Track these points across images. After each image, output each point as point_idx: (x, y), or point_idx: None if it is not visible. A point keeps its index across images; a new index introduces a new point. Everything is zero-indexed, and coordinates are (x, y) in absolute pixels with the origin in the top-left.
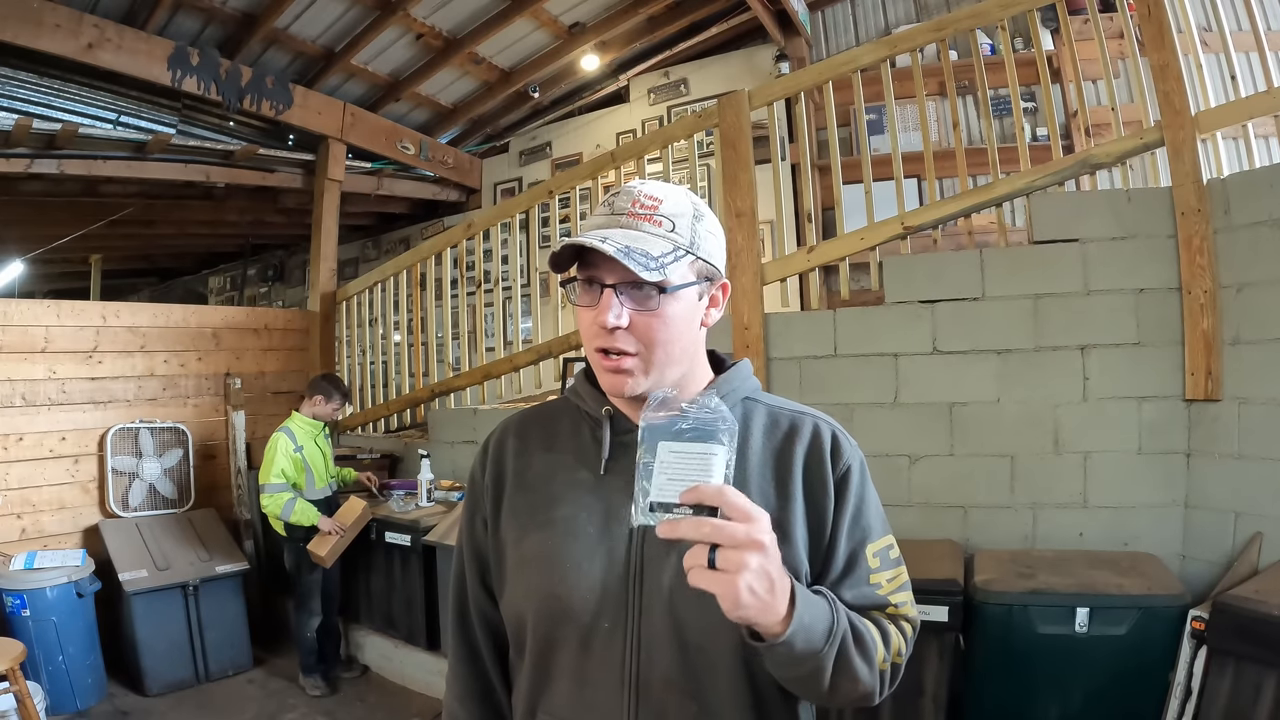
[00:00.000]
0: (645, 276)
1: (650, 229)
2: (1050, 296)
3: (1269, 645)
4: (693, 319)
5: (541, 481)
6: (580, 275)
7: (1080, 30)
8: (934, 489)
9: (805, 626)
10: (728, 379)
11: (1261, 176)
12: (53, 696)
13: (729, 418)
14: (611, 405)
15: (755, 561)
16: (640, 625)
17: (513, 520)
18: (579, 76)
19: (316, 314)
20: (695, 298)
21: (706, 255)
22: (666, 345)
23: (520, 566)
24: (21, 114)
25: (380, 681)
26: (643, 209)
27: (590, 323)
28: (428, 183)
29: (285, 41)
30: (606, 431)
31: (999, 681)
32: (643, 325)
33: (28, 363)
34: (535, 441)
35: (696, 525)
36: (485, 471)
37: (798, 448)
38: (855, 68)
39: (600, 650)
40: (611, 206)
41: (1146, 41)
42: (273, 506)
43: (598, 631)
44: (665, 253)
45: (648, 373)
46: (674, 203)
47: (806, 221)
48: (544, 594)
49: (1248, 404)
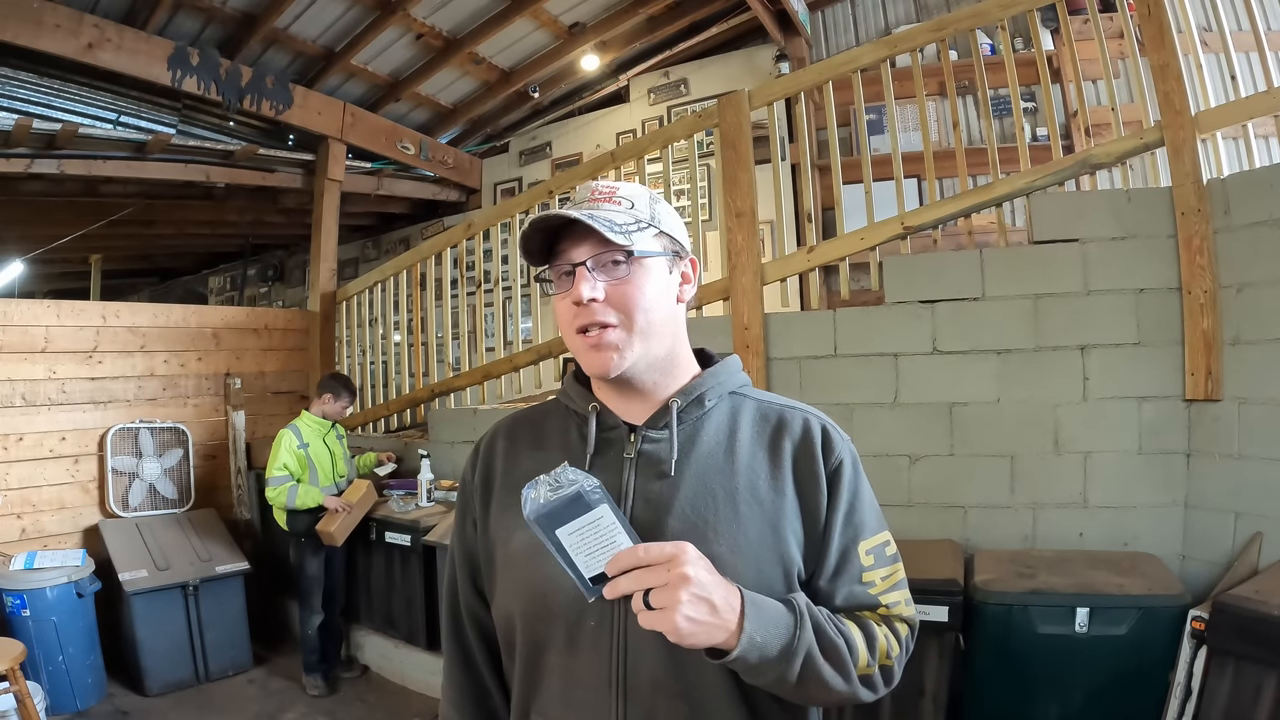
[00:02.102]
0: (612, 238)
1: (610, 207)
2: (1050, 296)
3: (1269, 645)
4: (667, 291)
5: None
6: (552, 267)
7: (1080, 30)
8: (934, 489)
9: (756, 644)
10: (714, 373)
11: (1261, 176)
12: (53, 696)
13: (587, 478)
14: (597, 401)
15: (685, 595)
16: (627, 625)
17: (501, 519)
18: (579, 76)
19: (316, 314)
20: (666, 270)
21: (669, 230)
22: (646, 312)
23: (507, 565)
24: (21, 114)
25: (380, 681)
26: (601, 194)
27: (567, 306)
28: (428, 183)
29: (285, 41)
30: (592, 427)
31: (999, 681)
32: (618, 294)
33: (28, 363)
34: (524, 441)
35: (630, 581)
36: (475, 473)
37: (787, 442)
38: (855, 68)
39: (587, 650)
40: (573, 201)
41: (1146, 41)
42: (278, 498)
43: (584, 630)
44: (629, 222)
45: (631, 345)
46: (630, 189)
47: (806, 221)
48: (530, 593)
49: (1248, 404)
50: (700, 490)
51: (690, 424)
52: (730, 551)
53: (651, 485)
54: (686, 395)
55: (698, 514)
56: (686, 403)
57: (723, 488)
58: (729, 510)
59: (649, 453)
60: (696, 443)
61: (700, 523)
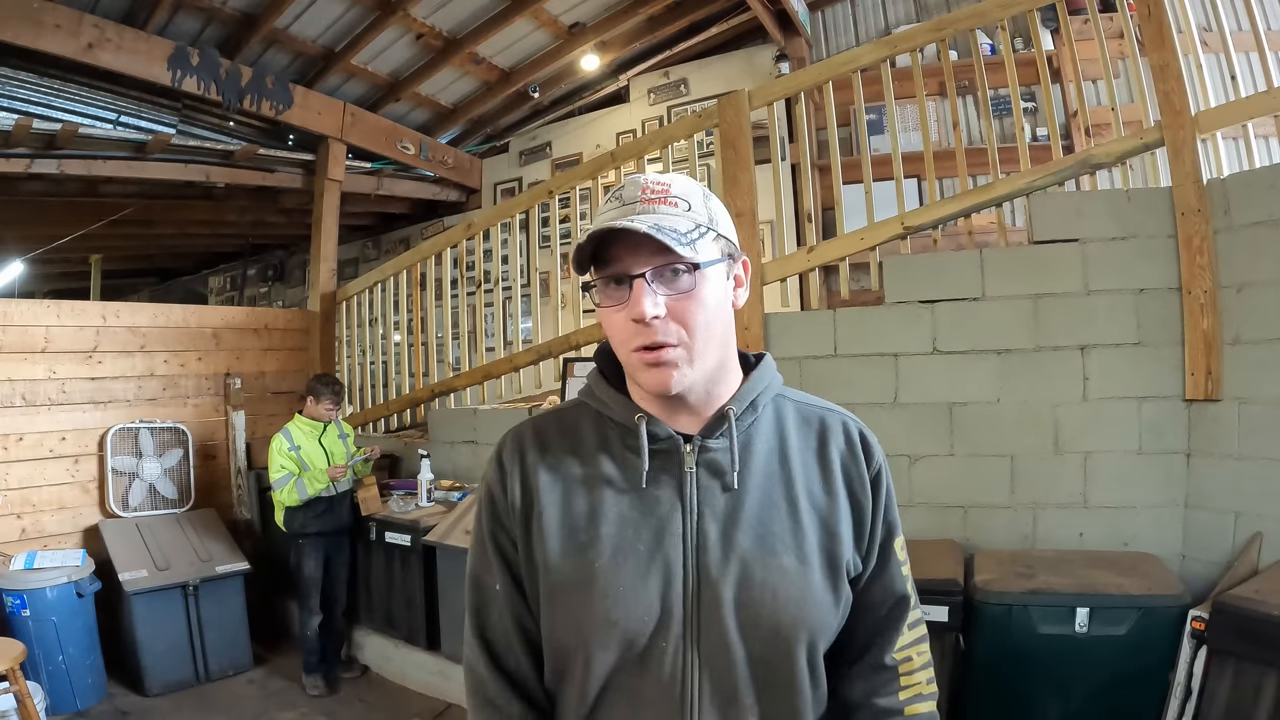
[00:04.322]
0: (682, 252)
1: (668, 210)
2: (1050, 296)
3: (1269, 645)
4: (725, 300)
5: (577, 497)
6: (600, 275)
7: (1080, 30)
8: (934, 489)
9: None
10: (760, 376)
11: (1261, 176)
12: (53, 696)
13: None
14: (642, 410)
15: None
16: (700, 642)
17: (547, 541)
18: (579, 76)
19: (316, 314)
20: (724, 276)
21: (726, 232)
22: (708, 328)
23: (564, 592)
24: (21, 114)
25: (380, 681)
26: (654, 194)
27: (623, 322)
28: (428, 183)
29: (285, 41)
30: (644, 439)
31: (999, 681)
32: (680, 310)
33: (28, 363)
34: (560, 453)
35: None
36: (507, 488)
37: (833, 447)
38: (855, 68)
39: (658, 670)
40: (620, 198)
41: (1146, 41)
42: (288, 498)
43: (655, 651)
44: (691, 229)
45: (692, 362)
46: (682, 185)
47: (806, 221)
48: (598, 621)
49: (1248, 404)
50: (764, 501)
51: (744, 431)
52: (798, 560)
53: (717, 498)
54: (741, 402)
55: (764, 526)
56: (742, 409)
57: (784, 496)
58: (792, 520)
59: (710, 463)
60: (753, 451)
61: (768, 535)
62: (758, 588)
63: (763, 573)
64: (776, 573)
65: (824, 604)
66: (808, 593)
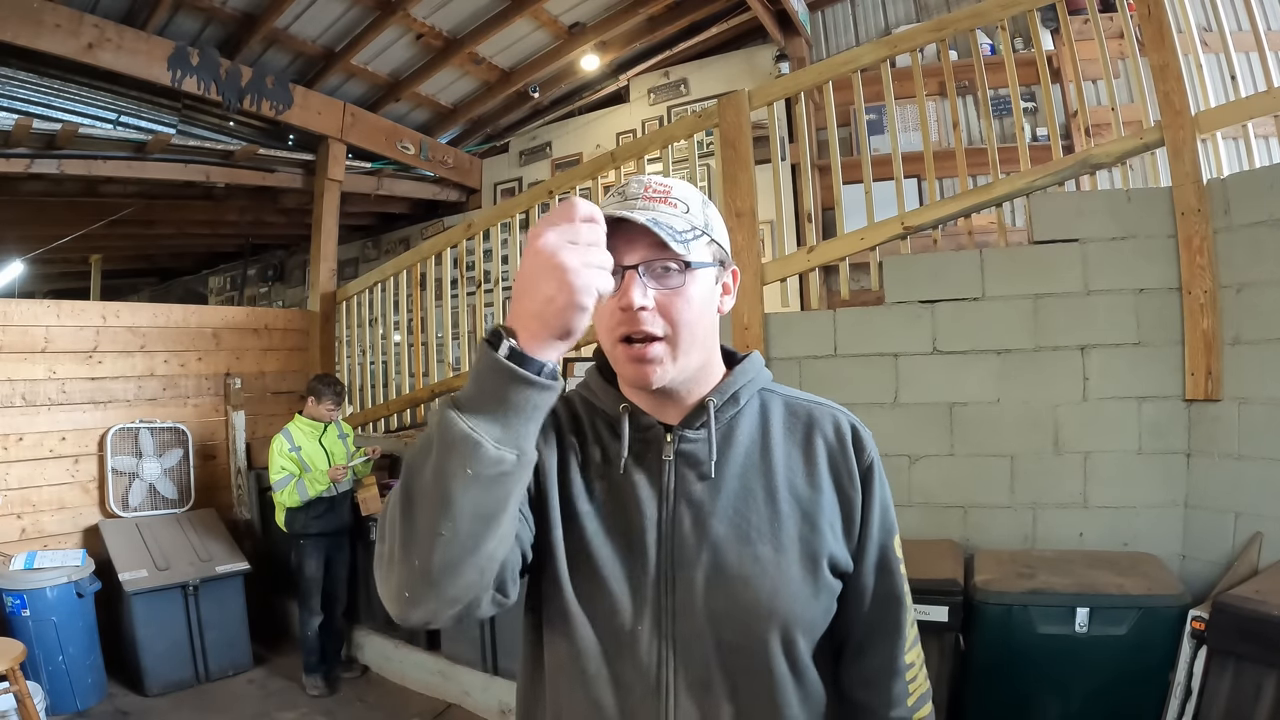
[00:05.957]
0: (675, 247)
1: (667, 209)
2: (1050, 296)
3: (1269, 645)
4: (711, 303)
5: (562, 474)
6: None
7: (1080, 30)
8: (934, 489)
9: None
10: (744, 370)
11: (1261, 176)
12: (53, 696)
13: None
14: (628, 401)
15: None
16: (674, 628)
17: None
18: (579, 76)
19: (316, 314)
20: (712, 281)
21: (720, 239)
22: (691, 326)
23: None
24: (21, 114)
25: (380, 681)
26: (655, 193)
27: (611, 310)
28: (428, 183)
29: (285, 41)
30: (626, 428)
31: (999, 681)
32: (667, 305)
33: (28, 363)
34: (556, 430)
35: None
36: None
37: (819, 439)
38: (855, 68)
39: (633, 654)
40: (623, 194)
41: (1146, 41)
42: (290, 499)
43: (630, 635)
44: (687, 229)
45: (675, 358)
46: (683, 189)
47: (806, 221)
48: (579, 598)
49: (1248, 404)
50: (741, 490)
51: (725, 423)
52: (774, 550)
53: (693, 487)
54: (722, 394)
55: (741, 515)
56: (722, 401)
57: (762, 486)
58: (770, 509)
59: (687, 453)
60: (733, 442)
61: (744, 524)
62: (730, 575)
63: (736, 561)
64: (750, 561)
65: (800, 595)
66: (782, 582)
